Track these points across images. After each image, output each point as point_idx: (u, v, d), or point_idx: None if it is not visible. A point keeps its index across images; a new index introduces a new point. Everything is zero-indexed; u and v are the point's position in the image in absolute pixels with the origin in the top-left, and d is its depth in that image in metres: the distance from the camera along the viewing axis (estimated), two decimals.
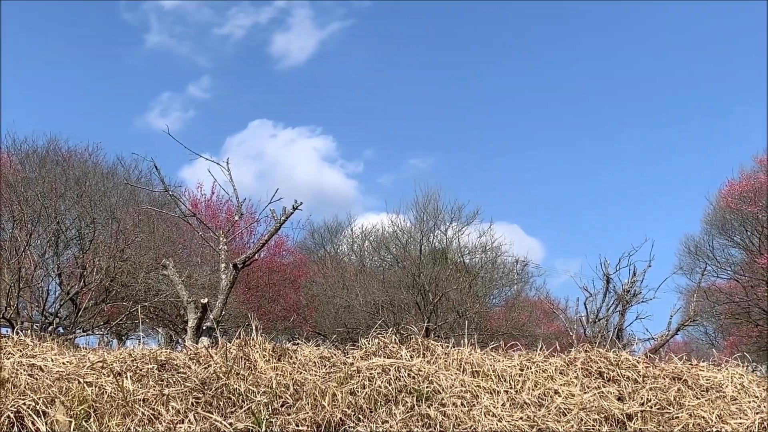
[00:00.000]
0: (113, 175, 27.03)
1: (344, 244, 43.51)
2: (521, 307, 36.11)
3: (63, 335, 19.89)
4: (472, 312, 29.63)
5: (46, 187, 22.73)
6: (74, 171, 25.41)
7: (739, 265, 34.67)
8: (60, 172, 24.71)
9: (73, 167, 25.79)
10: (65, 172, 24.82)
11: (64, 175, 24.52)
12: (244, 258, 14.50)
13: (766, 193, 30.03)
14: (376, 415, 7.24)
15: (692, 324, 32.31)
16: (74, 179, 24.52)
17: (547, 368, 8.59)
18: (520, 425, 7.20)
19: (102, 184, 25.45)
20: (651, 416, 7.60)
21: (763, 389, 8.62)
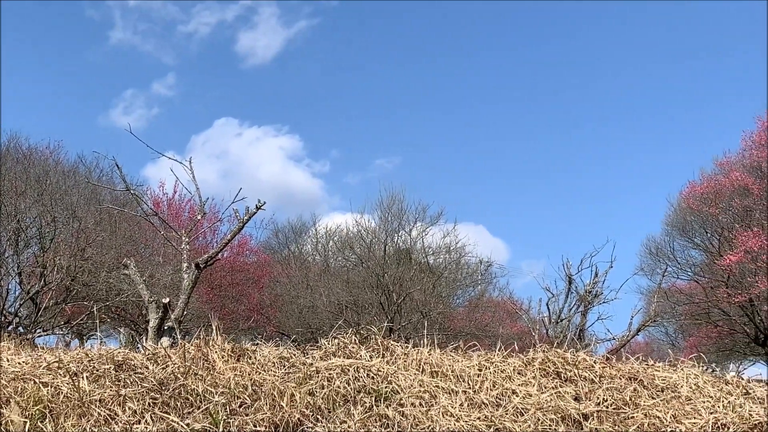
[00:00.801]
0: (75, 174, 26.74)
1: (308, 244, 43.46)
2: (485, 308, 36.29)
3: (23, 335, 19.70)
4: (436, 312, 29.75)
5: (6, 186, 22.48)
6: (35, 169, 25.13)
7: (699, 267, 35.07)
8: (20, 170, 24.43)
9: (33, 165, 25.49)
10: (26, 171, 24.56)
11: (25, 173, 24.26)
12: (206, 257, 14.43)
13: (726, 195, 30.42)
14: (335, 415, 7.25)
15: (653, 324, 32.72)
16: (35, 177, 24.27)
17: (505, 368, 8.64)
18: (477, 425, 7.24)
19: (63, 182, 25.19)
20: (607, 416, 7.68)
21: (718, 389, 8.75)
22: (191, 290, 14.11)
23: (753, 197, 28.91)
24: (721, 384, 8.94)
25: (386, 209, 34.23)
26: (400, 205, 34.29)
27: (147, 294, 13.51)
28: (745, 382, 9.24)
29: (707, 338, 37.73)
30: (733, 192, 29.94)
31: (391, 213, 34.37)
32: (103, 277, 22.44)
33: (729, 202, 30.43)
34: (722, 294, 30.75)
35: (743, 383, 9.15)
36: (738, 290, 29.46)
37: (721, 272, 30.67)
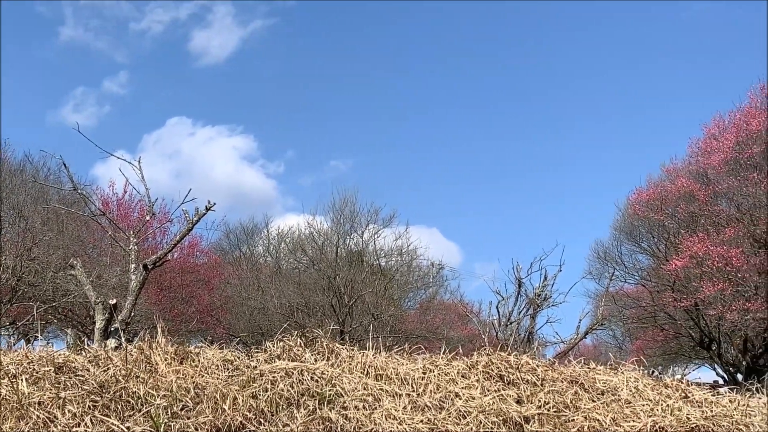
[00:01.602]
0: (21, 173, 26.36)
1: (260, 246, 43.32)
2: (436, 310, 36.48)
3: None
4: (387, 315, 29.84)
5: None
6: None
7: (646, 271, 35.58)
8: None
9: None
10: None
11: None
12: (154, 258, 14.32)
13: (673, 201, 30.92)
14: (278, 418, 7.25)
15: (600, 328, 33.11)
16: None
17: (449, 371, 8.71)
18: (420, 428, 7.29)
19: (9, 181, 24.82)
20: (548, 419, 7.77)
21: (657, 393, 8.90)
22: (139, 291, 14.00)
23: (698, 203, 29.41)
24: (660, 387, 9.09)
25: (338, 211, 34.28)
26: (353, 207, 34.35)
27: (94, 295, 13.37)
28: (684, 385, 9.40)
29: (653, 342, 38.27)
30: (679, 198, 30.44)
31: (344, 215, 34.42)
32: (50, 277, 22.15)
33: (675, 207, 30.94)
34: (668, 298, 31.21)
35: (682, 386, 9.31)
36: (683, 294, 29.93)
37: (668, 277, 31.14)
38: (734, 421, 8.21)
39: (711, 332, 33.09)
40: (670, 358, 39.85)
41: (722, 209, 29.28)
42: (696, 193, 29.50)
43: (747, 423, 8.25)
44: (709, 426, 8.01)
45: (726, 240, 27.19)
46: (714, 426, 8.01)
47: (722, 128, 28.81)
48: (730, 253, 26.53)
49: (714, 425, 8.04)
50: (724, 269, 26.79)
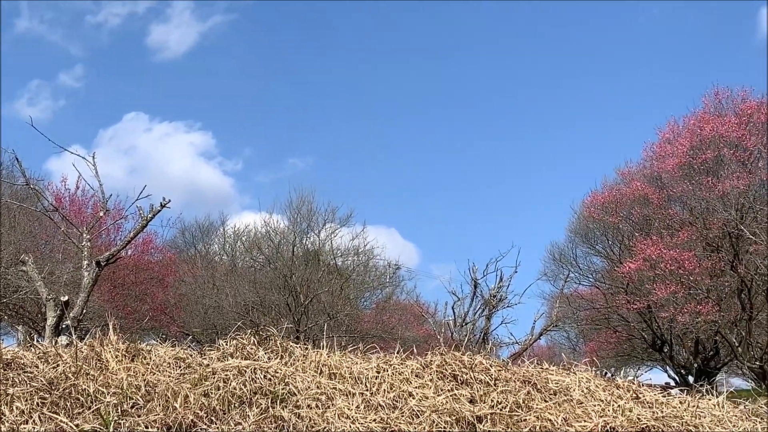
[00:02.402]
0: None
1: (216, 244, 43.03)
2: (392, 310, 36.51)
3: None
4: (343, 314, 29.79)
5: None
6: None
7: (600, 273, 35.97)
8: None
9: None
10: None
11: None
12: (108, 255, 14.16)
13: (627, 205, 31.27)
14: (229, 416, 7.19)
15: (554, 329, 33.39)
16: None
17: (403, 371, 8.71)
18: (372, 427, 7.27)
19: None
20: (500, 418, 7.80)
21: (609, 393, 8.97)
22: (91, 288, 13.83)
23: (652, 207, 29.79)
24: (612, 388, 9.17)
25: (295, 210, 34.15)
26: (310, 206, 34.23)
27: (45, 291, 13.18)
28: (635, 386, 9.49)
29: (607, 343, 38.70)
30: (633, 201, 30.81)
31: (301, 214, 34.30)
32: (0, 273, 21.78)
33: (629, 211, 31.31)
34: (621, 300, 31.58)
35: (634, 387, 9.40)
36: (637, 297, 30.28)
37: (621, 279, 31.50)
38: (684, 422, 8.30)
39: (663, 334, 33.53)
40: (622, 359, 40.32)
41: (676, 213, 29.69)
42: (650, 197, 29.89)
43: (696, 424, 8.35)
44: (659, 426, 8.09)
45: (679, 243, 27.56)
46: (664, 427, 8.09)
47: (676, 133, 29.20)
48: (682, 256, 26.88)
49: (664, 426, 8.12)
50: (676, 272, 27.14)
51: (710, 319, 26.93)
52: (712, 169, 27.08)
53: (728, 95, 28.53)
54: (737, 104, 27.99)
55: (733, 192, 25.69)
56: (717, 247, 27.86)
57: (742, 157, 26.86)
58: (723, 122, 27.16)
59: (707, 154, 27.14)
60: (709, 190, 26.33)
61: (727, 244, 27.23)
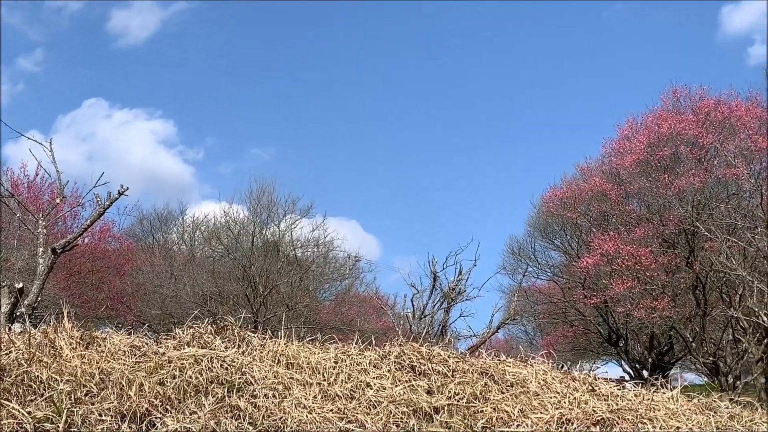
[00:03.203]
0: None
1: (174, 233, 42.69)
2: (351, 302, 36.53)
3: None
4: (302, 305, 29.74)
5: None
6: None
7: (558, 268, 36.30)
8: None
9: None
10: None
11: None
12: (64, 242, 13.99)
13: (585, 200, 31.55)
14: (185, 405, 7.11)
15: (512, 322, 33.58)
16: None
17: (361, 361, 8.69)
18: (330, 417, 7.24)
19: None
20: (457, 409, 7.81)
21: (565, 386, 9.03)
22: (47, 276, 13.67)
23: (610, 203, 30.09)
24: (568, 380, 9.23)
25: (255, 200, 34.00)
26: (270, 197, 34.11)
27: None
28: (591, 379, 9.57)
29: (563, 337, 39.08)
30: (592, 197, 31.10)
31: (261, 204, 34.16)
32: None
33: (588, 206, 31.60)
34: (579, 295, 31.89)
35: (590, 380, 9.47)
36: (594, 292, 30.60)
37: (579, 274, 31.80)
38: (639, 415, 8.37)
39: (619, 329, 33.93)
40: (579, 353, 40.74)
41: (633, 209, 30.03)
42: (608, 193, 30.19)
43: (651, 417, 8.43)
44: (614, 419, 8.15)
45: (636, 239, 27.88)
46: (619, 419, 8.15)
47: (635, 130, 29.52)
48: (639, 252, 27.21)
49: (619, 418, 8.18)
50: (633, 268, 27.46)
51: (665, 315, 27.29)
52: (669, 166, 27.43)
53: (686, 93, 28.93)
54: (695, 102, 28.39)
55: (689, 189, 26.05)
56: (673, 243, 28.24)
57: (698, 154, 27.24)
58: (681, 120, 27.51)
59: (665, 151, 27.49)
60: (666, 187, 26.67)
61: (682, 241, 27.60)
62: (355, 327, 29.87)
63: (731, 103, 27.90)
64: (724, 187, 27.40)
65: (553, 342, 38.76)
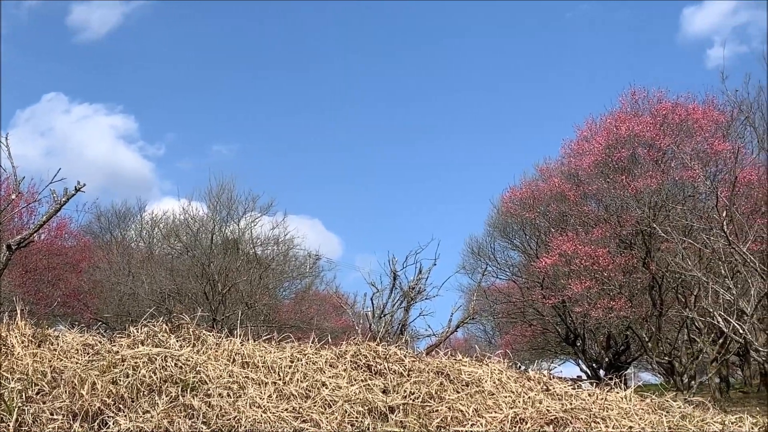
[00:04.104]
0: None
1: (133, 230, 42.32)
2: (311, 301, 36.47)
3: None
4: (261, 304, 29.63)
5: None
6: None
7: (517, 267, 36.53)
8: None
9: None
10: None
11: None
12: (19, 239, 13.82)
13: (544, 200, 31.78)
14: (138, 405, 7.06)
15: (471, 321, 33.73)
16: None
17: (317, 361, 8.68)
18: (284, 416, 7.23)
19: None
20: (412, 409, 7.83)
21: (520, 385, 9.09)
22: (1, 272, 13.51)
23: (569, 203, 30.34)
24: (523, 380, 9.29)
25: (215, 197, 33.82)
26: (230, 194, 33.96)
27: None
28: (546, 378, 9.64)
29: (522, 336, 39.34)
30: (551, 197, 31.34)
31: (221, 202, 33.99)
32: None
33: (547, 206, 31.84)
34: (537, 294, 32.10)
35: (544, 380, 9.54)
36: (552, 292, 30.82)
37: (537, 274, 32.01)
38: (592, 414, 8.45)
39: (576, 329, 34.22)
40: (537, 352, 41.04)
41: (591, 210, 30.30)
42: (567, 193, 30.44)
43: (604, 416, 8.51)
44: (568, 418, 8.22)
45: (594, 240, 28.14)
46: (572, 418, 8.22)
47: (594, 131, 29.78)
48: (597, 252, 27.46)
49: (572, 417, 8.25)
50: (591, 268, 27.71)
51: (622, 315, 27.57)
52: (627, 167, 27.72)
53: (644, 95, 29.24)
54: (653, 104, 28.70)
55: (646, 190, 26.33)
56: (630, 244, 28.54)
57: (656, 156, 27.54)
58: (639, 122, 27.80)
59: (622, 152, 27.77)
60: (624, 188, 26.94)
61: (639, 242, 27.91)
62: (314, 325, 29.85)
63: (688, 106, 28.26)
64: (680, 189, 27.76)
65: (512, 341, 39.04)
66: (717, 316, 18.81)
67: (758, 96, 29.72)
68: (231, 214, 33.97)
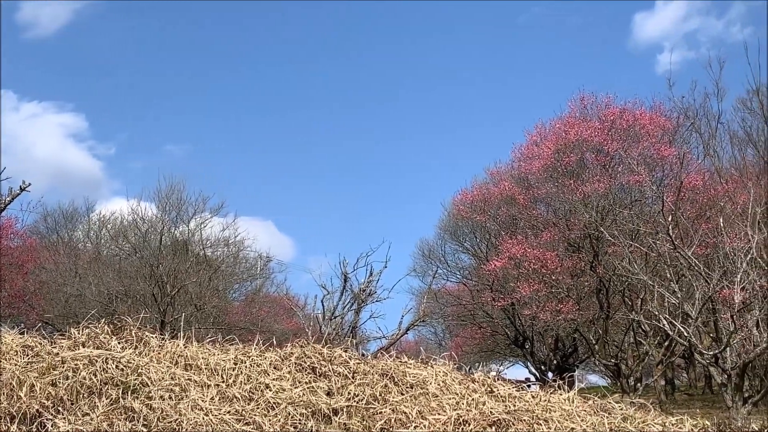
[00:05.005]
0: None
1: (80, 230, 41.72)
2: (261, 303, 36.26)
3: None
4: (211, 306, 29.41)
5: None
6: None
7: (468, 270, 36.69)
8: None
9: None
10: None
11: None
12: None
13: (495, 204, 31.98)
14: (77, 407, 6.98)
15: (422, 324, 33.83)
16: None
17: (261, 363, 8.64)
18: (226, 419, 7.19)
19: None
20: (356, 411, 7.84)
21: (464, 387, 9.14)
22: None
23: (519, 206, 30.57)
24: (468, 382, 9.35)
25: (165, 198, 33.50)
26: (180, 195, 33.66)
27: None
28: (490, 380, 9.70)
29: (472, 339, 39.51)
30: (501, 201, 31.55)
31: (170, 202, 33.67)
32: None
33: (497, 210, 32.05)
34: (487, 297, 32.27)
35: (489, 382, 9.61)
36: (501, 294, 31.01)
37: (487, 276, 32.20)
38: (535, 416, 8.52)
39: (525, 331, 34.47)
40: (486, 354, 41.25)
41: (540, 213, 30.56)
42: (517, 197, 30.67)
43: (547, 418, 8.59)
44: (511, 420, 8.29)
45: (543, 243, 28.37)
46: (515, 420, 8.29)
47: (543, 135, 30.05)
48: (545, 255, 27.69)
49: (515, 419, 8.32)
50: (539, 271, 27.93)
51: (570, 318, 27.83)
52: (576, 172, 28.01)
53: (593, 101, 29.57)
54: (601, 110, 29.04)
55: (594, 195, 26.64)
56: (578, 247, 28.84)
57: (603, 161, 27.87)
58: (587, 127, 28.11)
59: (571, 157, 28.05)
60: (572, 193, 27.22)
61: (587, 245, 28.21)
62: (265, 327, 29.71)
63: (636, 112, 28.66)
64: (627, 194, 28.11)
65: (462, 343, 39.21)
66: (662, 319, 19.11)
67: (704, 102, 30.31)
68: (181, 215, 33.69)
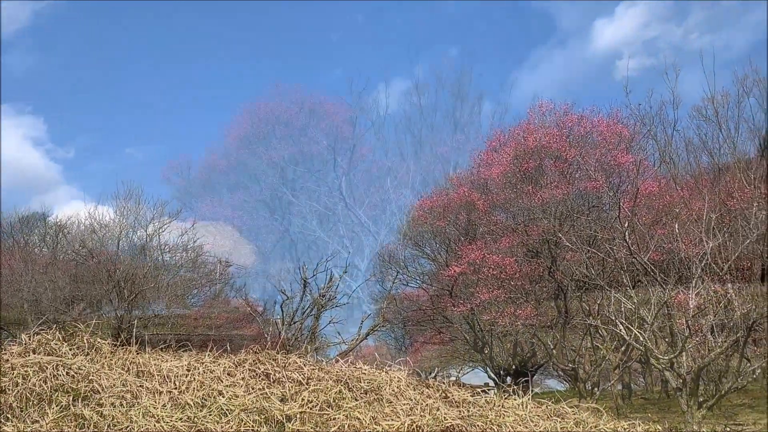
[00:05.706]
0: None
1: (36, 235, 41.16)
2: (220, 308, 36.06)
3: None
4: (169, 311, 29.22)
5: None
6: None
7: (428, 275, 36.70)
8: None
9: None
10: None
11: None
12: None
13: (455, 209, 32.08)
14: (26, 414, 6.90)
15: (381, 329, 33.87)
16: None
17: (215, 369, 8.61)
18: (178, 426, 7.16)
19: None
20: (310, 417, 7.84)
21: (419, 393, 9.18)
22: None
23: (478, 212, 30.70)
24: (422, 387, 9.39)
25: (122, 203, 33.24)
26: (138, 199, 33.42)
27: None
28: (445, 386, 9.76)
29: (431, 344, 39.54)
30: (461, 206, 31.66)
31: (128, 207, 33.41)
32: None
33: (456, 215, 32.15)
34: (447, 302, 32.34)
35: (443, 387, 9.66)
36: (461, 299, 31.08)
37: (447, 282, 32.27)
38: (489, 421, 8.58)
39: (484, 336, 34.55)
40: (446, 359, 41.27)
41: (499, 219, 30.70)
42: (476, 203, 30.79)
43: (500, 423, 8.65)
44: (464, 425, 8.34)
45: (502, 249, 28.50)
46: (468, 425, 8.34)
47: (503, 142, 30.23)
48: (504, 261, 27.82)
49: (469, 425, 8.37)
50: (498, 277, 28.04)
51: (528, 323, 27.96)
52: (534, 178, 28.20)
53: (551, 108, 29.82)
54: (560, 117, 29.28)
55: (552, 201, 26.83)
56: (537, 253, 29.00)
57: (562, 167, 28.09)
58: (546, 133, 28.33)
59: (530, 163, 28.25)
60: (531, 198, 27.39)
61: (546, 251, 28.37)
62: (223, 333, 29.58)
63: (593, 119, 28.94)
64: (585, 200, 28.32)
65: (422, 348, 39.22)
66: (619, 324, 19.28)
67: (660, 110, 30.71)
68: (139, 220, 33.44)
